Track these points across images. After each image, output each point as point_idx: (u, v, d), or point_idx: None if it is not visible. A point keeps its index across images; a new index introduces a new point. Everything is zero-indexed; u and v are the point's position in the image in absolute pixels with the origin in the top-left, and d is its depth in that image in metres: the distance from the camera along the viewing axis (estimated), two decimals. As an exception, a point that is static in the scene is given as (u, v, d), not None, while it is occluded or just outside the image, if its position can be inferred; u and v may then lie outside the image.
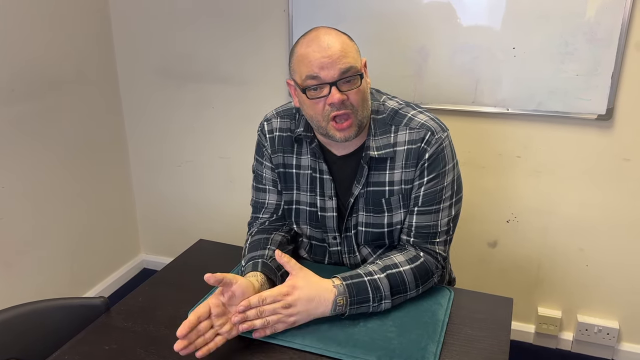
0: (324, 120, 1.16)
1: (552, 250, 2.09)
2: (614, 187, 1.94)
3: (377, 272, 1.15)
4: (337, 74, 1.12)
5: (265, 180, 1.36)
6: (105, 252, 2.57)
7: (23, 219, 2.10)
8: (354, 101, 1.15)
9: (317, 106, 1.15)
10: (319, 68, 1.12)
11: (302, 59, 1.15)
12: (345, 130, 1.16)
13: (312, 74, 1.13)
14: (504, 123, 1.98)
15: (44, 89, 2.12)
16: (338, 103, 1.13)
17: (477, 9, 1.85)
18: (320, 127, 1.18)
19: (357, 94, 1.15)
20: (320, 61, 1.12)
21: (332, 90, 1.13)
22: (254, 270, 1.17)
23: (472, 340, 1.09)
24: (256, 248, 1.26)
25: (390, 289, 1.14)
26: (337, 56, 1.12)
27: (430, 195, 1.23)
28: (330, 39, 1.14)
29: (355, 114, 1.16)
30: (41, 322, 1.22)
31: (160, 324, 1.14)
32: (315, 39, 1.14)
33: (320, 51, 1.12)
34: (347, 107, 1.14)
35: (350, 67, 1.13)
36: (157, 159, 2.59)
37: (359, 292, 1.11)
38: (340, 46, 1.13)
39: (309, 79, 1.14)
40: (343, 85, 1.13)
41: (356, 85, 1.15)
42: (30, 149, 2.09)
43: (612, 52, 1.76)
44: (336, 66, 1.12)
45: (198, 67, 2.34)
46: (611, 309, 2.10)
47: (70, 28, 2.20)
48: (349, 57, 1.14)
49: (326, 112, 1.15)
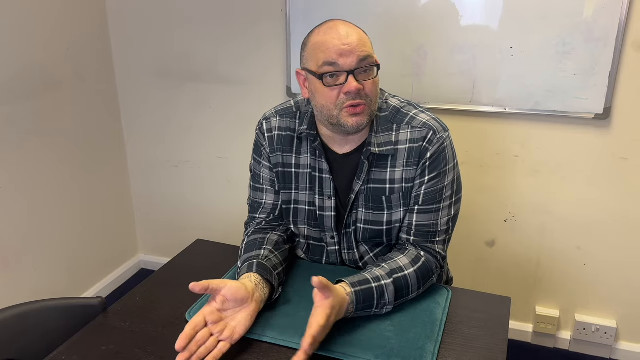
0: (337, 109, 1.16)
1: (550, 249, 2.09)
2: (611, 186, 1.95)
3: (384, 277, 1.14)
4: (355, 62, 1.12)
5: (262, 180, 1.36)
6: (103, 252, 2.57)
7: (20, 219, 2.10)
8: (369, 92, 1.15)
9: (331, 94, 1.15)
10: (337, 55, 1.12)
11: (320, 46, 1.14)
12: (359, 116, 1.15)
13: (330, 60, 1.12)
14: (501, 122, 1.99)
15: (41, 89, 2.11)
16: (354, 92, 1.13)
17: (475, 9, 1.86)
18: (331, 116, 1.17)
19: (372, 84, 1.16)
20: (339, 48, 1.12)
21: (349, 78, 1.12)
22: (249, 271, 1.16)
23: (470, 340, 1.09)
24: (252, 248, 1.26)
25: (395, 294, 1.14)
26: (356, 44, 1.12)
27: (430, 194, 1.23)
28: (348, 29, 1.15)
29: (369, 104, 1.16)
30: (38, 322, 1.21)
31: (158, 324, 1.14)
32: (334, 27, 1.15)
33: (339, 38, 1.13)
34: (362, 97, 1.14)
35: (368, 55, 1.14)
36: (155, 159, 2.58)
37: (365, 299, 1.11)
38: (358, 36, 1.14)
39: (326, 65, 1.13)
40: (360, 75, 1.14)
41: (372, 76, 1.15)
42: (28, 149, 2.09)
43: (609, 51, 1.76)
44: (355, 54, 1.12)
45: (196, 67, 2.34)
46: (609, 308, 2.10)
47: (68, 28, 2.20)
48: (367, 47, 1.15)
49: (340, 101, 1.15)
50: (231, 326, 1.04)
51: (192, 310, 1.17)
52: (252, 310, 1.08)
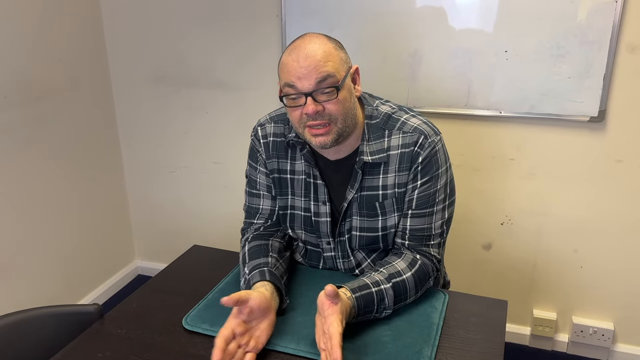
0: (301, 127, 1.18)
1: (547, 252, 2.09)
2: (607, 188, 1.95)
3: (383, 281, 1.15)
4: (312, 84, 1.12)
5: (259, 186, 1.36)
6: (100, 259, 2.56)
7: (16, 225, 2.09)
8: (331, 111, 1.15)
9: (295, 114, 1.17)
10: (296, 78, 1.13)
11: (283, 67, 1.16)
12: (319, 137, 1.16)
13: (290, 82, 1.14)
14: (497, 126, 1.99)
15: (37, 96, 2.11)
16: (312, 113, 1.13)
17: (470, 13, 1.86)
18: (300, 133, 1.20)
19: (335, 104, 1.14)
20: (297, 71, 1.12)
21: (307, 100, 1.13)
22: (262, 279, 1.16)
23: (467, 343, 1.09)
24: (258, 255, 1.25)
25: (394, 298, 1.14)
26: (314, 66, 1.12)
27: (423, 199, 1.23)
28: (312, 48, 1.13)
29: (335, 122, 1.16)
30: (34, 329, 1.21)
31: (155, 330, 1.14)
32: (298, 48, 1.15)
33: (298, 60, 1.13)
34: (323, 117, 1.15)
35: (327, 76, 1.12)
36: (151, 164, 2.58)
37: (366, 304, 1.11)
38: (321, 56, 1.13)
39: (287, 86, 1.15)
40: (320, 96, 1.13)
41: (333, 97, 1.14)
42: (24, 155, 2.08)
43: (603, 54, 1.77)
44: (312, 77, 1.12)
45: (192, 73, 2.34)
46: (606, 310, 2.10)
47: (63, 35, 2.20)
48: (328, 67, 1.13)
49: (303, 120, 1.16)
50: (255, 336, 1.06)
51: (189, 317, 1.17)
52: (273, 320, 1.10)
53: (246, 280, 1.19)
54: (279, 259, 1.27)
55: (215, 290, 1.27)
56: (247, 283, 1.18)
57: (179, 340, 1.10)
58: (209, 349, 1.06)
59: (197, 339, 1.11)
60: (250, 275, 1.19)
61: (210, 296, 1.25)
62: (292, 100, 1.15)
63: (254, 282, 1.16)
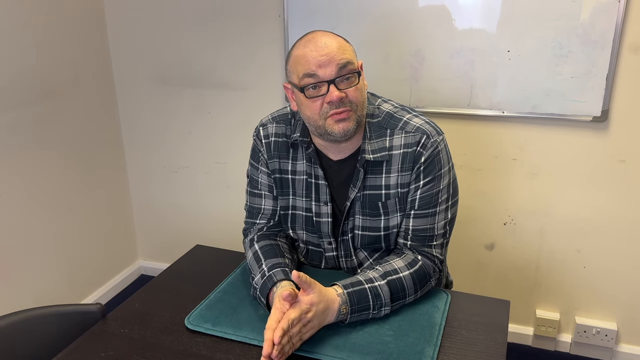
0: (321, 119, 1.16)
1: (550, 252, 2.09)
2: (610, 188, 1.95)
3: (377, 278, 1.15)
4: (334, 71, 1.13)
5: (261, 186, 1.36)
6: (102, 259, 2.57)
7: (20, 225, 2.10)
8: (352, 98, 1.16)
9: (314, 105, 1.16)
10: (316, 66, 1.13)
11: (300, 59, 1.16)
12: (345, 121, 1.16)
13: (310, 72, 1.14)
14: (499, 126, 1.99)
15: (41, 96, 2.12)
16: (337, 101, 1.13)
17: (472, 13, 1.86)
18: (318, 126, 1.18)
19: (355, 91, 1.16)
20: (317, 59, 1.13)
21: (330, 88, 1.13)
22: (286, 278, 1.16)
23: (470, 343, 1.09)
24: (274, 254, 1.25)
25: (391, 295, 1.14)
26: (335, 54, 1.13)
27: (426, 199, 1.23)
28: (327, 39, 1.16)
29: (355, 110, 1.17)
30: (37, 329, 1.21)
31: (157, 330, 1.14)
32: (312, 39, 1.16)
33: (317, 50, 1.14)
34: (345, 104, 1.15)
35: (348, 62, 1.14)
36: (154, 164, 2.59)
37: (360, 300, 1.11)
38: (337, 45, 1.15)
39: (306, 77, 1.14)
40: (341, 84, 1.14)
41: (354, 83, 1.15)
42: (27, 155, 2.09)
43: (606, 54, 1.76)
44: (333, 63, 1.13)
45: (194, 73, 2.34)
46: (609, 311, 2.10)
47: (67, 35, 2.20)
48: (347, 54, 1.15)
49: (324, 111, 1.15)
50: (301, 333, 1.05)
51: (192, 317, 1.17)
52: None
53: (266, 276, 1.18)
54: (292, 261, 1.28)
55: (218, 290, 1.27)
56: (269, 279, 1.17)
57: (182, 340, 1.10)
58: (212, 349, 1.07)
59: (199, 338, 1.11)
60: (272, 272, 1.18)
61: (212, 296, 1.25)
62: (313, 90, 1.15)
63: (278, 279, 1.15)
